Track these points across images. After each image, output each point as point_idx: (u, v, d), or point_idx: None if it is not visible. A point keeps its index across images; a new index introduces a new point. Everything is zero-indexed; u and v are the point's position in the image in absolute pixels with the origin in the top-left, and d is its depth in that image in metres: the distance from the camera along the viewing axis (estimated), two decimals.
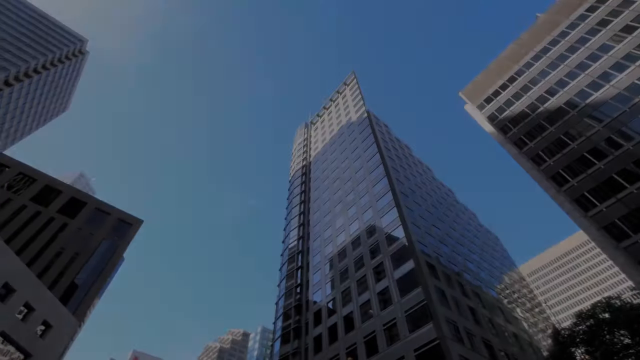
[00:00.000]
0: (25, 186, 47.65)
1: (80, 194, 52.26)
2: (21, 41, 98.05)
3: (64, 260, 43.29)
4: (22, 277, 30.19)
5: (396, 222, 45.70)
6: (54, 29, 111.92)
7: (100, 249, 47.27)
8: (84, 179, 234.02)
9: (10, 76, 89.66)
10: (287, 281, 62.19)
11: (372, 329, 37.81)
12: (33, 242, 42.57)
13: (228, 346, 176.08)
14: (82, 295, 41.99)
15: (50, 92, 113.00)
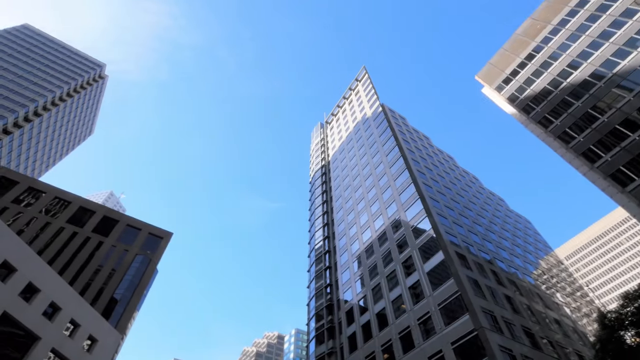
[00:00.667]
0: (61, 209, 50.12)
1: (111, 212, 54.44)
2: (46, 73, 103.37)
3: (103, 277, 45.23)
4: (66, 295, 31.76)
5: (421, 214, 44.93)
6: (74, 58, 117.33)
7: (135, 263, 49.09)
8: (114, 197, 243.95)
9: (39, 107, 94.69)
10: (316, 282, 62.40)
11: (407, 324, 37.31)
12: (73, 262, 44.72)
13: (264, 349, 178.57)
14: (121, 309, 43.70)
15: (76, 118, 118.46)
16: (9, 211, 45.68)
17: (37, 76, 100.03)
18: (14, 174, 50.71)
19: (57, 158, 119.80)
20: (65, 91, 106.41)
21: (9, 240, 27.76)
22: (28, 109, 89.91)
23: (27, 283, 28.17)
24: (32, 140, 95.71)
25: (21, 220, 45.66)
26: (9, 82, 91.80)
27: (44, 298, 29.20)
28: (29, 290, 28.39)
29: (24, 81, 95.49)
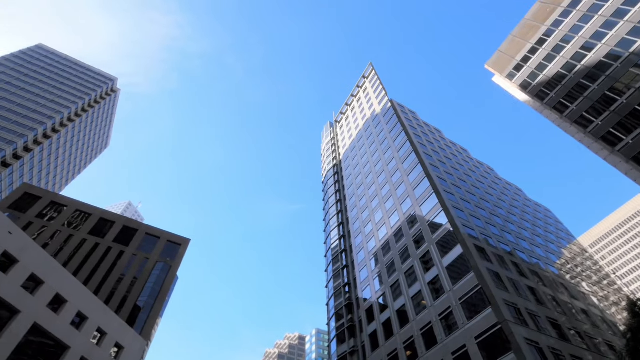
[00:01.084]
0: (82, 221, 51.56)
1: (130, 222, 55.68)
2: (61, 90, 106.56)
3: (125, 285, 46.31)
4: (92, 305, 32.65)
5: (437, 208, 44.37)
6: (86, 74, 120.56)
7: (155, 271, 50.09)
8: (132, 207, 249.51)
9: (56, 123, 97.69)
10: (334, 281, 62.36)
11: (428, 320, 36.90)
12: (96, 272, 45.95)
13: (286, 351, 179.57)
14: (145, 316, 44.66)
15: (91, 132, 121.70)
16: (33, 226, 47.25)
17: (53, 94, 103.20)
18: (36, 189, 52.42)
19: (76, 172, 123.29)
20: (80, 107, 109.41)
21: (35, 253, 28.71)
22: (46, 126, 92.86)
23: (55, 294, 29.07)
24: (51, 156, 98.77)
25: (45, 234, 47.18)
26: (27, 102, 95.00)
27: (71, 308, 30.09)
28: (56, 301, 29.30)
29: (41, 99, 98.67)
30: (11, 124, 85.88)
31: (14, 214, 47.08)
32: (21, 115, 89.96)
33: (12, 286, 25.82)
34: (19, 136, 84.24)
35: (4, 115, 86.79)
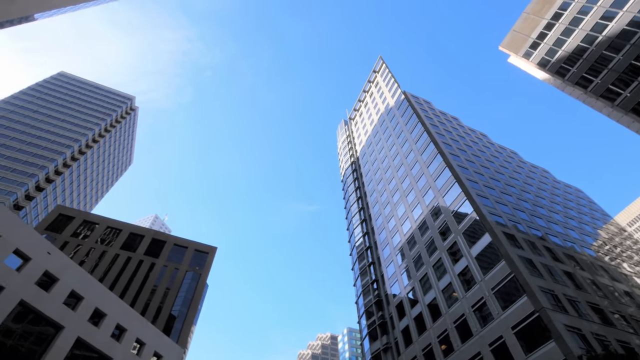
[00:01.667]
0: (114, 237, 53.58)
1: (159, 234, 57.38)
2: (84, 113, 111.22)
3: (159, 295, 47.76)
4: (129, 316, 33.85)
5: (461, 197, 43.37)
6: (106, 95, 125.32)
7: (186, 280, 51.40)
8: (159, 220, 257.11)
9: (82, 145, 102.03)
10: (361, 279, 62.06)
11: (461, 312, 36.10)
12: (131, 285, 47.62)
13: (319, 351, 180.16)
14: (180, 324, 45.89)
15: (115, 150, 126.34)
16: (69, 245, 49.49)
17: (77, 117, 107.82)
18: (69, 210, 54.88)
19: (105, 190, 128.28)
20: (103, 127, 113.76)
21: (73, 271, 30.05)
22: (73, 149, 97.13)
23: (94, 309, 30.32)
24: (80, 177, 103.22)
25: (81, 252, 49.30)
26: (54, 127, 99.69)
27: (111, 321, 31.30)
28: (96, 315, 30.56)
29: (67, 124, 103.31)
30: (42, 149, 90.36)
31: (51, 235, 49.46)
32: (50, 140, 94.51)
33: (55, 303, 27.12)
34: (49, 161, 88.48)
35: (35, 143, 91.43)
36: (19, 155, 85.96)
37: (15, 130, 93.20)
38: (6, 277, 24.43)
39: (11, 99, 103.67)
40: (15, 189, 77.48)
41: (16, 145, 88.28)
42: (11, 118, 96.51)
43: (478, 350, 32.27)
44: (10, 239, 25.61)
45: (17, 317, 24.69)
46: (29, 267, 26.28)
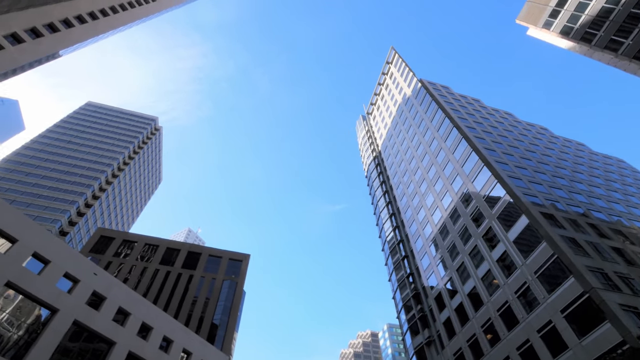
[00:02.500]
0: (152, 253, 55.83)
1: (194, 247, 59.23)
2: (113, 138, 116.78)
3: (200, 306, 49.29)
4: (174, 328, 35.13)
5: (491, 181, 41.86)
6: (131, 119, 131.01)
7: (224, 289, 52.72)
8: (192, 233, 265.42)
9: (115, 169, 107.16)
10: (396, 274, 61.27)
11: (504, 300, 34.82)
12: (172, 298, 49.43)
13: (361, 349, 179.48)
14: (222, 332, 47.12)
15: (145, 170, 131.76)
16: (112, 264, 52.05)
17: (107, 143, 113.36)
18: (109, 231, 57.74)
19: (139, 209, 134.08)
20: (131, 150, 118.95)
21: (118, 289, 31.57)
22: (107, 173, 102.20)
23: (142, 323, 31.70)
24: (116, 199, 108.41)
25: (124, 270, 51.73)
26: (87, 155, 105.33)
27: (158, 334, 32.60)
28: (144, 329, 31.93)
29: (98, 150, 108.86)
30: (79, 177, 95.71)
31: (95, 257, 52.23)
32: (85, 168, 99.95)
33: (105, 321, 28.59)
34: (86, 187, 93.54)
35: (72, 171, 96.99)
36: (59, 184, 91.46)
37: (54, 161, 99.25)
38: (59, 299, 26.00)
39: (47, 133, 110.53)
40: (59, 217, 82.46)
41: (56, 176, 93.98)
42: (49, 151, 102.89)
43: (526, 337, 31.00)
44: (59, 263, 27.24)
45: (73, 336, 26.21)
46: (78, 288, 27.84)
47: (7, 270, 23.54)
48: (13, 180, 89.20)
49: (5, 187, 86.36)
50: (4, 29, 39.38)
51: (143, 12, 71.14)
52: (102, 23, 57.10)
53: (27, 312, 24.51)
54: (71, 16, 50.11)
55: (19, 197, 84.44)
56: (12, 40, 40.59)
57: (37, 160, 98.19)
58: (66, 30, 48.73)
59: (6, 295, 23.65)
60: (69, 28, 49.45)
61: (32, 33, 43.39)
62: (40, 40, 44.09)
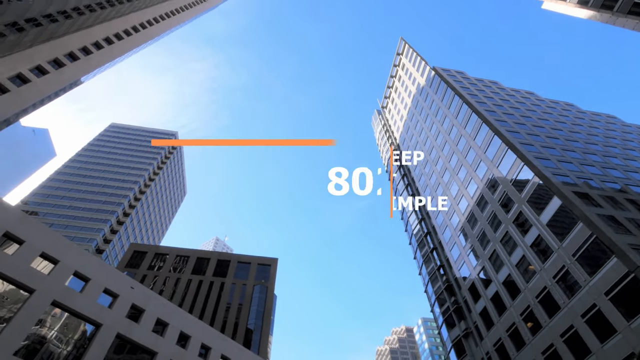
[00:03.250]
0: (184, 264, 57.43)
1: (223, 255, 60.49)
2: (137, 156, 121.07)
3: (233, 312, 50.24)
4: (211, 335, 35.96)
5: (517, 164, 40.42)
6: (152, 135, 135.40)
7: (255, 294, 53.51)
8: (220, 242, 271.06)
9: (141, 186, 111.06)
10: (426, 267, 60.26)
11: (542, 285, 33.51)
12: (207, 306, 50.64)
13: (396, 345, 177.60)
14: (258, 337, 47.84)
15: (170, 184, 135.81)
16: (147, 277, 53.91)
17: (132, 161, 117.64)
18: (141, 246, 59.88)
19: (168, 222, 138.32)
20: (156, 166, 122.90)
21: (155, 301, 32.66)
22: (134, 191, 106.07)
23: (180, 332, 32.64)
24: (145, 215, 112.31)
25: (158, 282, 53.47)
26: (115, 174, 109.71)
27: (196, 342, 33.47)
28: (182, 338, 32.87)
29: (125, 169, 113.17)
30: (109, 196, 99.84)
31: (130, 271, 54.27)
32: (114, 187, 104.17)
33: (146, 332, 29.63)
34: (117, 205, 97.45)
35: (102, 192, 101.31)
36: (92, 205, 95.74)
37: (85, 184, 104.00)
38: (101, 314, 27.19)
39: (76, 157, 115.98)
40: (94, 236, 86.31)
41: (88, 197, 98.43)
42: (80, 174, 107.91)
43: (570, 323, 29.71)
44: (98, 280, 28.48)
45: (117, 349, 27.33)
46: (118, 302, 29.00)
47: (52, 290, 24.84)
48: (50, 205, 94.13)
49: (44, 212, 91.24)
50: (29, 63, 41.63)
51: (154, 32, 73.41)
52: (117, 47, 59.34)
53: (73, 328, 25.77)
54: (88, 43, 52.36)
55: (57, 220, 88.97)
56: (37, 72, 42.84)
57: (70, 184, 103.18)
58: (85, 57, 50.96)
59: (53, 313, 24.95)
60: (88, 55, 51.68)
61: (54, 64, 45.64)
62: (62, 70, 46.30)
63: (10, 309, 22.77)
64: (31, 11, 39.55)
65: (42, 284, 24.53)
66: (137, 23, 67.18)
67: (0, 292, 22.89)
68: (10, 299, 23.11)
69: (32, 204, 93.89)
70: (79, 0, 47.56)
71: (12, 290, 23.38)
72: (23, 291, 23.73)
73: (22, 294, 23.64)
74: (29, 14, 39.57)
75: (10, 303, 23.00)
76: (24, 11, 38.45)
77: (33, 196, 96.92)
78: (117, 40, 59.48)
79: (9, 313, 22.57)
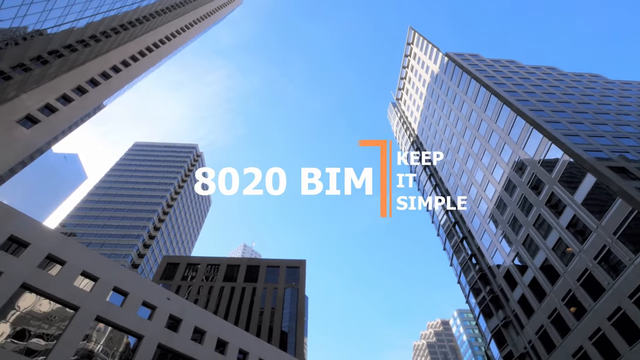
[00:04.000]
0: (215, 272, 58.74)
1: (252, 260, 61.48)
2: (161, 172, 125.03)
3: (267, 316, 50.91)
4: (247, 340, 36.60)
5: (544, 143, 38.77)
6: (174, 150, 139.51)
7: (286, 296, 54.00)
8: (248, 248, 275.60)
9: (168, 200, 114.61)
10: (457, 257, 58.88)
11: (583, 267, 31.98)
12: (241, 311, 51.56)
13: (433, 339, 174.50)
14: (293, 339, 48.26)
15: (195, 196, 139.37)
16: (182, 288, 55.50)
17: (157, 177, 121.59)
18: (173, 258, 61.78)
19: (196, 233, 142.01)
20: (180, 179, 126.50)
21: (191, 310, 33.59)
22: (162, 205, 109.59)
23: (217, 339, 33.40)
24: (174, 227, 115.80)
25: (192, 291, 54.95)
26: (143, 191, 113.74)
27: (233, 348, 34.14)
28: (220, 344, 33.61)
29: (152, 185, 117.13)
30: (139, 212, 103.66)
31: (165, 283, 56.06)
32: (143, 203, 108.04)
33: (185, 341, 30.52)
34: (147, 220, 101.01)
35: (133, 208, 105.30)
36: (124, 222, 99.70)
37: (116, 202, 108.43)
38: (142, 326, 28.22)
39: (105, 177, 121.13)
40: (129, 251, 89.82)
41: (120, 215, 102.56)
42: (110, 193, 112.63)
43: (617, 305, 28.19)
44: (136, 293, 29.59)
45: (160, 359, 28.30)
46: (156, 314, 30.02)
47: (94, 306, 26.03)
48: (86, 225, 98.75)
49: (80, 233, 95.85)
50: (55, 93, 43.86)
51: (167, 50, 75.59)
52: (134, 68, 61.52)
53: (117, 341, 26.90)
54: (107, 68, 54.57)
55: (93, 239, 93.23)
56: (63, 101, 45.05)
57: (102, 203, 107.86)
58: (105, 81, 53.13)
59: (97, 328, 26.14)
60: (107, 79, 53.86)
61: (78, 91, 47.84)
62: (86, 96, 48.47)
63: (59, 327, 24.04)
64: (53, 44, 41.64)
65: (85, 301, 25.75)
66: (150, 43, 69.38)
67: (49, 312, 24.20)
68: (57, 317, 24.39)
69: (69, 225, 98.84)
70: (95, 28, 49.64)
71: (59, 309, 24.67)
72: (68, 309, 24.99)
73: (68, 311, 24.89)
74: (51, 46, 41.67)
75: (58, 321, 24.28)
76: (47, 44, 40.53)
77: (70, 218, 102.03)
78: (133, 62, 61.66)
79: (58, 330, 23.82)
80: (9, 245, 24.50)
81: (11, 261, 23.60)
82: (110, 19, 51.82)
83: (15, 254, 24.25)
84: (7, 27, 31.87)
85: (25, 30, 34.95)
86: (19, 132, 37.78)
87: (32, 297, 23.72)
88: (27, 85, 39.64)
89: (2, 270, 22.75)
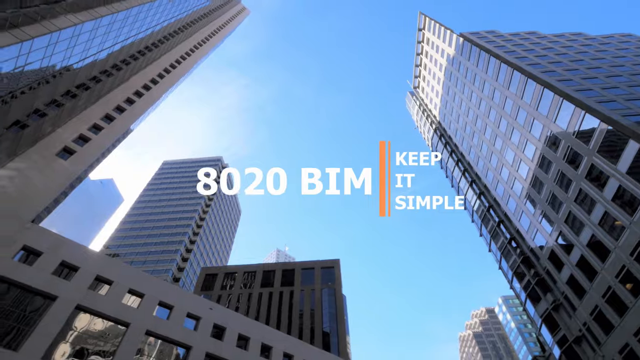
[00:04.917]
0: (252, 279, 59.93)
1: (286, 264, 62.26)
2: (190, 187, 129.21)
3: (307, 318, 51.30)
4: (290, 343, 37.04)
5: (577, 113, 36.65)
6: (201, 165, 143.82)
7: (324, 297, 54.20)
8: (281, 252, 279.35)
9: (200, 213, 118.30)
10: (495, 242, 56.80)
11: (636, 240, 29.90)
12: (281, 316, 52.27)
13: (479, 329, 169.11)
14: (335, 339, 48.34)
15: (225, 207, 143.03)
16: (222, 297, 57.03)
17: (188, 192, 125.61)
18: (211, 269, 63.66)
19: (230, 242, 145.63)
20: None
21: (233, 318, 34.46)
22: (195, 219, 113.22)
23: (261, 344, 34.04)
24: (209, 239, 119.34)
25: (232, 300, 56.33)
26: (176, 207, 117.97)
27: (278, 352, 34.67)
28: (265, 349, 34.24)
29: (183, 200, 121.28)
30: (175, 228, 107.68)
31: (206, 294, 57.82)
32: (177, 218, 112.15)
33: (230, 348, 31.33)
34: (183, 235, 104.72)
35: (168, 224, 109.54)
36: (162, 238, 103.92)
37: (152, 220, 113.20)
38: (189, 337, 29.26)
39: (140, 198, 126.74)
40: (169, 266, 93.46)
41: (157, 232, 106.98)
42: (146, 212, 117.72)
43: None
44: (181, 306, 30.73)
45: None
46: (201, 324, 31.02)
47: (143, 321, 27.27)
48: (127, 245, 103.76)
49: (123, 252, 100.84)
50: (86, 123, 46.43)
51: (184, 69, 78.13)
52: (155, 90, 64.02)
53: (167, 353, 28.02)
54: (130, 94, 57.13)
55: (135, 257, 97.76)
56: (94, 130, 47.58)
57: (140, 223, 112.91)
58: (130, 107, 55.63)
59: (148, 342, 27.36)
60: (132, 104, 56.37)
61: (106, 119, 50.38)
62: (114, 123, 50.97)
63: (113, 343, 25.38)
64: (79, 77, 44.14)
65: (135, 317, 27.04)
66: (168, 64, 71.97)
67: (103, 329, 25.61)
68: (111, 334, 25.77)
69: (112, 247, 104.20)
70: (116, 57, 52.15)
71: (111, 326, 26.05)
72: (120, 325, 26.34)
73: (120, 328, 26.24)
74: (78, 80, 44.19)
75: (112, 338, 25.64)
76: (74, 79, 43.02)
77: (112, 240, 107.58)
78: (153, 85, 64.20)
79: (112, 347, 25.15)
80: (61, 270, 26.18)
81: (64, 285, 25.20)
82: (127, 47, 54.25)
83: (67, 278, 25.87)
84: (37, 68, 34.10)
85: (54, 69, 37.25)
86: (59, 164, 40.28)
87: (86, 317, 25.19)
88: (60, 119, 42.22)
89: (57, 294, 24.33)
